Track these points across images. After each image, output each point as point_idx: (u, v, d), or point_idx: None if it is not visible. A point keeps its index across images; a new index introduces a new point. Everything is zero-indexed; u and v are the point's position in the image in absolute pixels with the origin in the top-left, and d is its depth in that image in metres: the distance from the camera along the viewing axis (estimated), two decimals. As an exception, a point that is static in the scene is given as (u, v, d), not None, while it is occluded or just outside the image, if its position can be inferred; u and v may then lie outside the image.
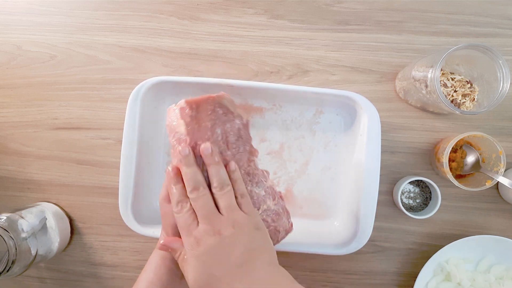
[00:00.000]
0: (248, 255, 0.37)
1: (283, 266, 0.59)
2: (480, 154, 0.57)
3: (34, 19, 0.62)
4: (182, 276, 0.41)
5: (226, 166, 0.40)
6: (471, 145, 0.58)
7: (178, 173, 0.39)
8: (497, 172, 0.53)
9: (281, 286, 0.37)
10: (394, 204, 0.59)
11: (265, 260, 0.37)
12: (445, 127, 0.60)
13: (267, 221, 0.43)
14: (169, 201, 0.40)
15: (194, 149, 0.39)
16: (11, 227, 0.50)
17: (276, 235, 0.44)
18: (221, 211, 0.38)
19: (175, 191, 0.38)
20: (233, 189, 0.40)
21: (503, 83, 0.49)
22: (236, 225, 0.37)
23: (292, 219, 0.58)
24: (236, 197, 0.39)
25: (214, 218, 0.37)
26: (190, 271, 0.36)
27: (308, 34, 0.61)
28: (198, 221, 0.37)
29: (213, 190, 0.39)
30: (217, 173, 0.39)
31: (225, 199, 0.38)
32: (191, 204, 0.38)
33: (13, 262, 0.49)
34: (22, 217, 0.53)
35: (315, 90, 0.53)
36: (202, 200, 0.38)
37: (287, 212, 0.46)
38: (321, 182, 0.58)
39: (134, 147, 0.53)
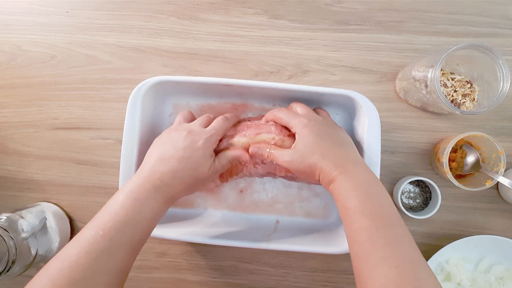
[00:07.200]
0: (342, 141, 0.47)
1: (283, 266, 0.60)
2: (480, 154, 0.57)
3: (34, 19, 0.62)
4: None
5: None
6: (471, 145, 0.58)
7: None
8: (497, 172, 0.53)
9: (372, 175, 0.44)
10: (394, 204, 0.59)
11: (354, 152, 0.47)
12: (445, 127, 0.60)
13: None
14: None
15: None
16: (11, 227, 0.50)
17: None
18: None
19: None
20: None
21: (503, 83, 0.49)
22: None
23: (292, 218, 0.58)
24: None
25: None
26: (302, 139, 0.46)
27: (308, 34, 0.61)
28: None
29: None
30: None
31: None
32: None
33: (13, 262, 0.49)
34: (22, 217, 0.53)
35: (315, 89, 0.53)
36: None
37: None
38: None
39: (134, 147, 0.52)
